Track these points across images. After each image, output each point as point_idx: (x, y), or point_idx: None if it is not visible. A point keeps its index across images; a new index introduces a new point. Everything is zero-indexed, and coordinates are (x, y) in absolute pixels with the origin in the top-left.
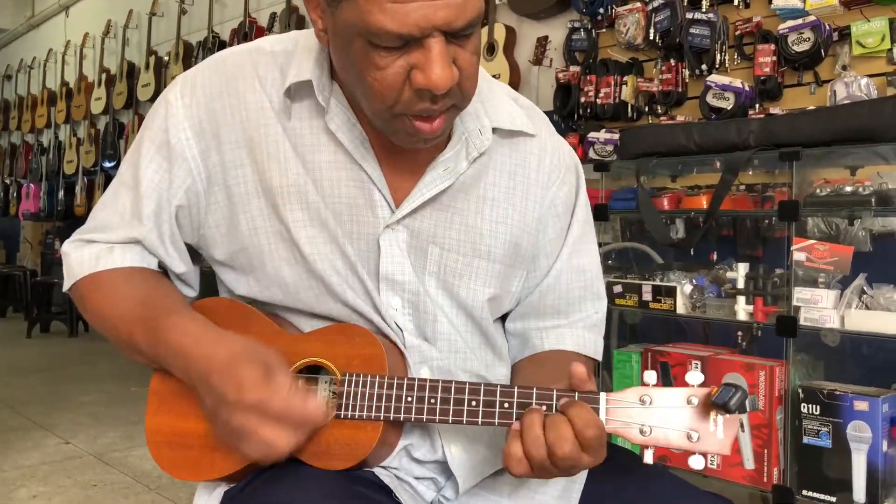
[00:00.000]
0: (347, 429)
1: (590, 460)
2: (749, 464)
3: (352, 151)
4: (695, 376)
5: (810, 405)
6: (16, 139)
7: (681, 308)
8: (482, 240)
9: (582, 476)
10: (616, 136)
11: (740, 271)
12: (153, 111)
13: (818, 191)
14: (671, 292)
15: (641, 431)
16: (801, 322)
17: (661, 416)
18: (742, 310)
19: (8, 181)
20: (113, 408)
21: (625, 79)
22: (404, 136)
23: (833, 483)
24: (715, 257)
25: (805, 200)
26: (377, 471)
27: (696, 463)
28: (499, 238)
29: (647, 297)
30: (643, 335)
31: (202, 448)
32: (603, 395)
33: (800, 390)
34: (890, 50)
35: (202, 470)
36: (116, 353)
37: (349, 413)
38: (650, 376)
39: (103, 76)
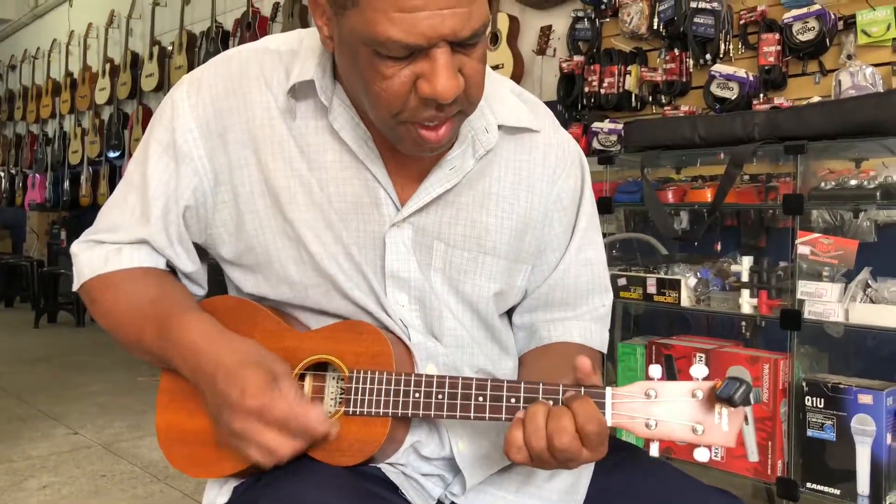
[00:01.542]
0: (356, 425)
1: (589, 455)
2: (753, 456)
3: (356, 151)
4: (699, 370)
5: (814, 398)
6: (21, 129)
7: (685, 301)
8: (487, 235)
9: (588, 471)
10: (620, 127)
11: (745, 264)
12: (160, 111)
13: (823, 184)
14: (675, 285)
15: (647, 425)
16: (805, 315)
17: (666, 409)
18: (746, 303)
19: (14, 171)
20: (120, 398)
21: (628, 68)
22: (410, 144)
23: (837, 475)
24: (719, 248)
25: (810, 194)
26: (384, 468)
27: (701, 455)
28: (504, 233)
29: (652, 289)
30: (647, 328)
31: (212, 446)
32: (609, 390)
33: (804, 383)
34: (895, 39)
35: (212, 468)
36: None
37: (357, 409)
38: (655, 370)
39: (107, 66)
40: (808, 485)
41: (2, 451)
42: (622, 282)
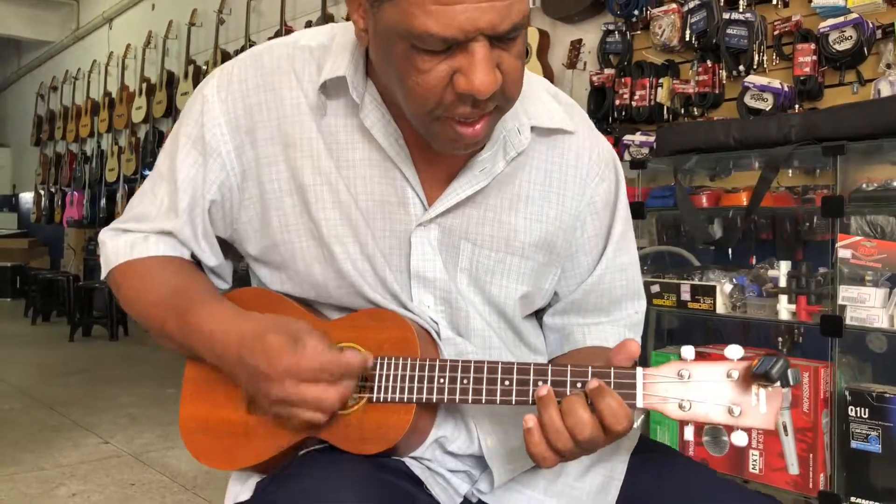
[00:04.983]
0: (379, 412)
1: (614, 440)
2: (793, 469)
3: (386, 149)
4: (734, 350)
5: (858, 408)
6: (61, 148)
7: (720, 308)
8: (516, 237)
9: (621, 472)
10: (651, 139)
11: (782, 269)
12: (189, 105)
13: (864, 185)
14: (710, 292)
15: (680, 406)
16: (847, 321)
17: (700, 390)
18: (784, 309)
19: (53, 189)
20: (150, 409)
21: (660, 81)
22: (445, 141)
23: (883, 490)
24: (754, 261)
25: (850, 196)
26: (408, 461)
27: (739, 439)
28: (533, 235)
29: (686, 296)
30: (680, 338)
31: (236, 436)
32: (640, 371)
33: (847, 392)
34: None
35: (236, 458)
36: (155, 356)
37: (381, 396)
38: (688, 351)
39: (144, 86)
40: (852, 499)
41: (33, 460)
42: (655, 289)
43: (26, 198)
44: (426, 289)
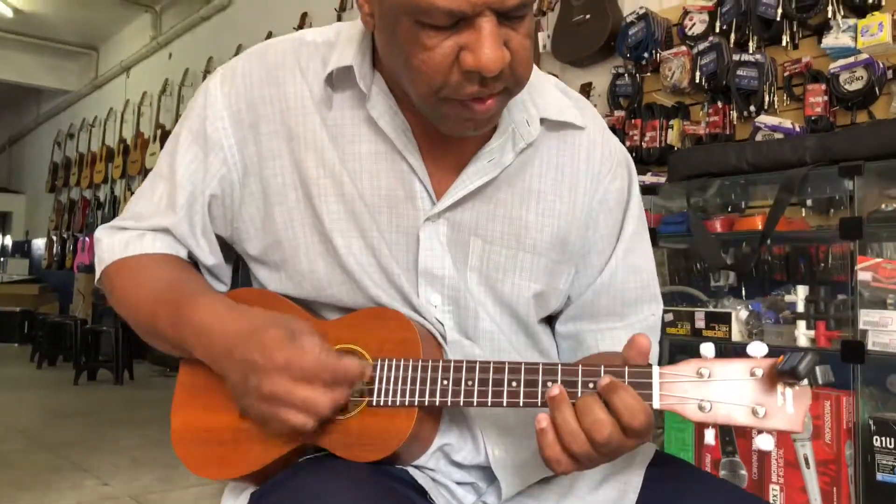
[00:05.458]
0: (380, 417)
1: (634, 443)
2: (816, 503)
3: (394, 140)
4: (758, 347)
5: (884, 438)
6: (75, 195)
7: (736, 335)
8: (527, 233)
9: (636, 484)
10: (663, 180)
11: (800, 294)
12: (193, 101)
13: (884, 205)
14: (726, 318)
15: (700, 408)
16: (870, 347)
17: (721, 390)
18: (803, 335)
19: (65, 235)
20: (152, 451)
21: (670, 122)
22: (453, 122)
23: None
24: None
25: (870, 216)
26: (411, 471)
27: (764, 443)
28: (545, 231)
29: (700, 324)
30: None
31: (231, 443)
32: (656, 369)
33: (871, 422)
34: None
35: (230, 466)
36: (159, 399)
37: (381, 399)
38: (708, 349)
39: (158, 132)
40: None
41: (31, 500)
42: (668, 317)
43: (38, 244)
44: (433, 287)
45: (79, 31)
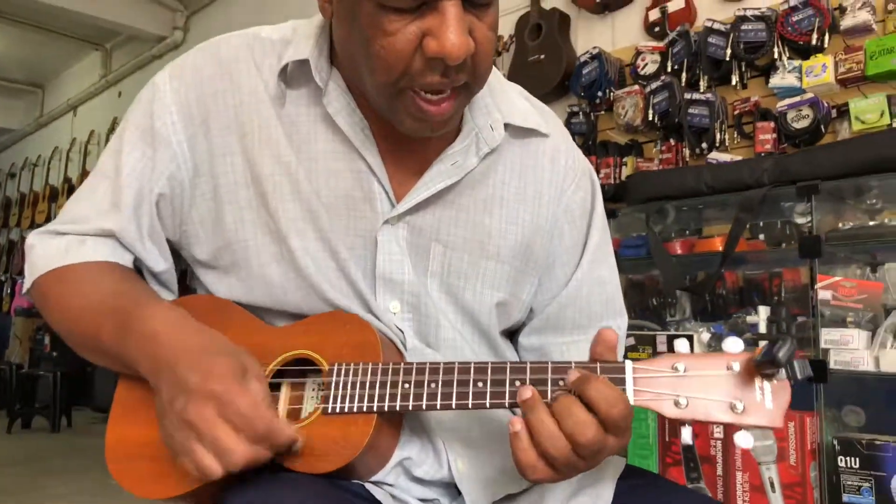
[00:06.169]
0: (336, 425)
1: (615, 441)
2: None
3: (351, 138)
4: (734, 343)
5: (848, 458)
6: (14, 236)
7: None
8: (490, 240)
9: (607, 497)
10: (618, 218)
11: (761, 314)
12: (139, 96)
13: (841, 224)
14: (688, 341)
15: (677, 403)
16: (832, 366)
17: (698, 385)
18: None
19: (3, 278)
20: (90, 501)
21: (625, 160)
22: (409, 120)
23: None
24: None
25: (827, 235)
26: (369, 487)
27: (743, 441)
28: (508, 238)
29: (662, 347)
30: None
31: (166, 458)
32: (629, 364)
33: (835, 442)
34: (890, 125)
35: (165, 484)
36: (97, 446)
37: (337, 406)
38: (682, 345)
39: None
40: None
41: None
42: (630, 342)
43: None
44: (392, 293)
45: (24, 68)
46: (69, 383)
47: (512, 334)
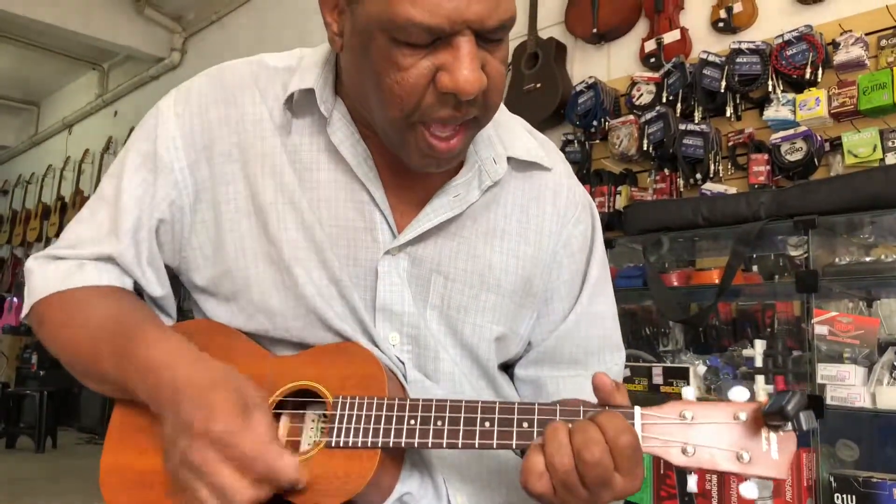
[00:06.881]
0: (339, 460)
1: (622, 481)
2: None
3: (354, 168)
4: (739, 392)
5: (845, 496)
6: (4, 252)
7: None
8: (491, 272)
9: None
10: (612, 248)
11: (758, 348)
12: (143, 121)
13: (837, 259)
14: (683, 374)
15: (684, 451)
16: (828, 402)
17: (705, 433)
18: (762, 390)
19: None
20: None
21: (619, 189)
22: (417, 155)
23: None
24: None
25: (824, 270)
26: None
27: (748, 491)
28: (509, 272)
29: (658, 379)
30: None
31: (160, 486)
32: (637, 410)
33: (831, 479)
34: (882, 160)
35: None
36: (84, 468)
37: (342, 440)
38: (689, 392)
39: None
40: None
41: None
42: (626, 373)
43: None
44: (392, 324)
45: (20, 86)
46: (55, 403)
47: (509, 365)
